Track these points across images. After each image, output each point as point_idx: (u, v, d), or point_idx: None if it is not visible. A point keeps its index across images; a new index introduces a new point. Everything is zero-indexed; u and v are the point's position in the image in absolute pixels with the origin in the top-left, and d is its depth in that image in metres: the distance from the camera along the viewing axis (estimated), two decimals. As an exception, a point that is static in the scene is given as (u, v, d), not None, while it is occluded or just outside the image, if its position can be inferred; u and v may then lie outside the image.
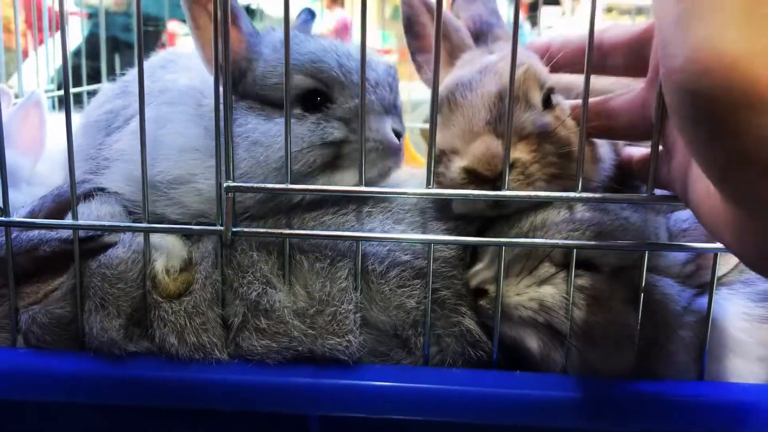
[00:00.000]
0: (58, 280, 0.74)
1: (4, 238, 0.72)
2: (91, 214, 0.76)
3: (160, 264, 0.72)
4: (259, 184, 0.71)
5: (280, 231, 0.72)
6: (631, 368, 0.71)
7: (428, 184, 0.70)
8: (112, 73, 1.47)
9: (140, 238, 0.73)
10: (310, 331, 0.71)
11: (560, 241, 0.70)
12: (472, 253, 0.78)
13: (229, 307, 0.72)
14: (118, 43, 2.13)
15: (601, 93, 0.72)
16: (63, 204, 0.77)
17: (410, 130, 1.28)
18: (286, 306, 0.71)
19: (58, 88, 1.61)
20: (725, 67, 0.40)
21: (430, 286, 0.72)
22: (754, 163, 0.41)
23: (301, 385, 0.69)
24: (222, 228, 0.70)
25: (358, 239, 0.72)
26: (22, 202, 0.81)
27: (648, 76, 0.64)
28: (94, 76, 1.61)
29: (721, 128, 0.41)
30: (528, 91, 0.75)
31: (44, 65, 1.52)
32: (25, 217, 0.75)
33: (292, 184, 0.70)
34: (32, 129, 1.02)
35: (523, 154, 0.71)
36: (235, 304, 0.72)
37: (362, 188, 0.71)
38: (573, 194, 0.68)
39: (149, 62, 0.98)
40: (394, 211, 0.78)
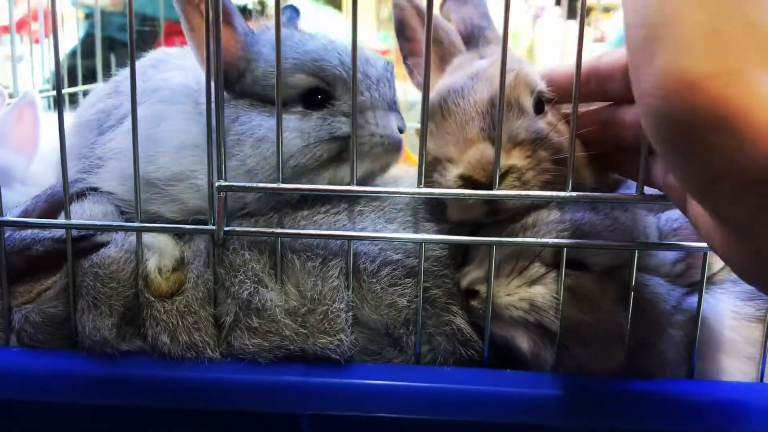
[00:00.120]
0: (51, 280, 0.74)
1: (-3, 238, 0.72)
2: (84, 214, 0.76)
3: (152, 263, 0.72)
4: (250, 183, 0.72)
5: (271, 230, 0.73)
6: (622, 367, 0.71)
7: (419, 183, 0.70)
8: (107, 73, 1.47)
9: (133, 238, 0.73)
10: (302, 330, 0.71)
11: (550, 240, 0.70)
12: (463, 255, 0.79)
13: (221, 306, 0.73)
14: (115, 43, 2.12)
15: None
16: (56, 203, 0.78)
17: (406, 130, 1.28)
18: (278, 305, 0.71)
19: (53, 88, 1.61)
20: (688, 89, 0.39)
21: (422, 284, 0.72)
22: (727, 183, 0.40)
23: (292, 383, 0.69)
24: (214, 227, 0.71)
25: (350, 238, 0.72)
26: (15, 201, 0.81)
27: None
28: (91, 76, 1.61)
29: (692, 150, 0.41)
30: (519, 96, 0.76)
31: (39, 65, 1.51)
32: (18, 217, 0.76)
33: (283, 183, 0.71)
34: (26, 129, 1.02)
35: (519, 160, 0.72)
36: (227, 303, 0.72)
37: (354, 187, 0.71)
38: (564, 194, 0.69)
39: (140, 62, 0.98)
40: (386, 210, 0.78)
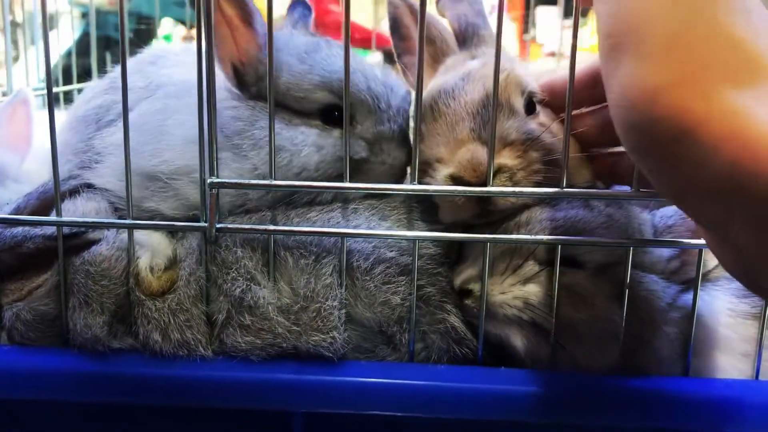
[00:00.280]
0: (42, 277, 0.74)
1: (-12, 235, 0.72)
2: (76, 211, 0.75)
3: (143, 261, 0.72)
4: (242, 180, 0.71)
5: (264, 227, 0.72)
6: (617, 364, 0.71)
7: (412, 180, 0.70)
8: (103, 71, 1.47)
9: (125, 235, 0.73)
10: (295, 328, 0.71)
11: (545, 237, 0.70)
12: (457, 253, 0.78)
13: (214, 304, 0.72)
14: (111, 42, 2.12)
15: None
16: (48, 201, 0.77)
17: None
18: (271, 302, 0.71)
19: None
20: (649, 100, 0.39)
21: (416, 282, 0.72)
22: (696, 191, 0.40)
23: (285, 381, 0.69)
24: (206, 224, 0.70)
25: (343, 235, 0.72)
26: (8, 199, 0.80)
27: None
28: (88, 75, 1.60)
29: (659, 160, 0.41)
30: (510, 97, 0.75)
31: (34, 64, 1.51)
32: (9, 214, 0.75)
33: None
34: (19, 126, 1.02)
35: (509, 160, 0.71)
36: (219, 301, 0.72)
37: (347, 184, 0.71)
38: (557, 189, 0.68)
39: (138, 58, 0.98)
40: (380, 208, 0.78)
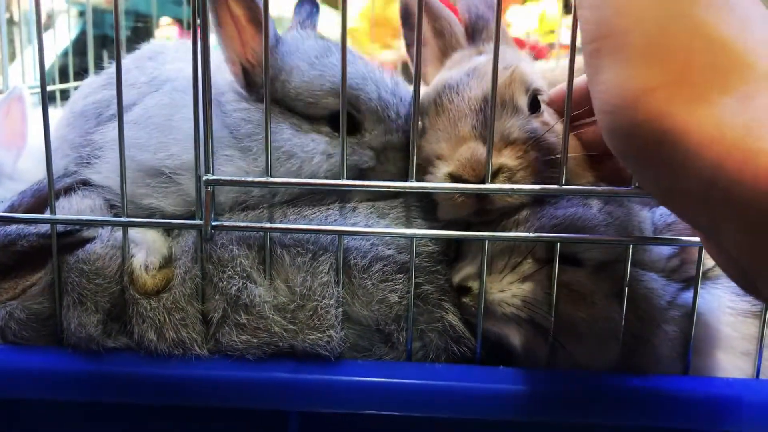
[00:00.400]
0: (36, 276, 0.73)
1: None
2: (71, 209, 0.75)
3: (138, 260, 0.71)
4: (238, 178, 0.71)
5: (260, 225, 0.72)
6: (616, 363, 0.70)
7: (410, 177, 0.69)
8: (100, 69, 1.46)
9: (119, 233, 0.72)
10: (291, 327, 0.70)
11: (544, 235, 0.69)
12: (456, 251, 0.77)
13: (209, 303, 0.71)
14: (108, 41, 2.11)
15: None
16: (43, 199, 0.76)
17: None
18: (267, 301, 0.70)
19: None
20: (630, 105, 0.39)
21: (413, 280, 0.71)
22: (680, 195, 0.40)
23: (281, 381, 0.68)
24: (201, 222, 0.69)
25: (340, 233, 0.71)
26: (2, 197, 0.80)
27: None
28: (85, 74, 1.60)
29: (643, 164, 0.41)
30: (514, 94, 0.75)
31: (31, 63, 1.50)
32: (3, 212, 0.74)
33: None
34: (14, 124, 1.01)
35: (510, 160, 0.71)
36: (215, 300, 0.71)
37: (344, 182, 0.70)
38: (557, 187, 0.68)
39: (136, 54, 0.97)
40: (378, 206, 0.77)
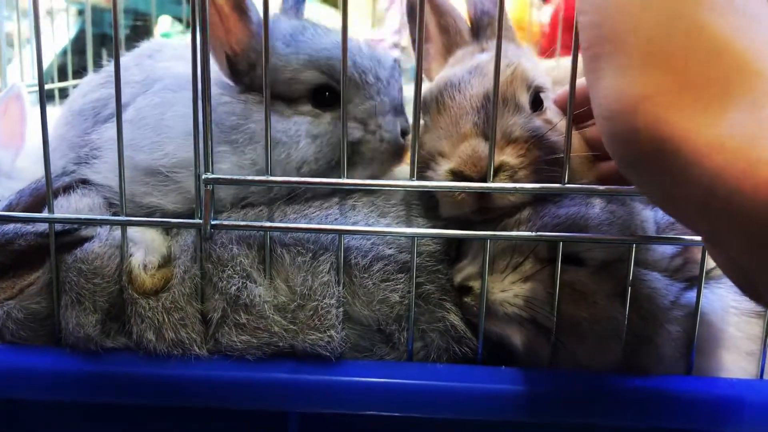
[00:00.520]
0: (34, 275, 0.72)
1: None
2: (70, 207, 0.74)
3: (136, 259, 0.71)
4: (238, 176, 0.70)
5: (260, 224, 0.71)
6: (619, 363, 0.70)
7: (411, 176, 0.68)
8: (99, 67, 1.45)
9: (118, 232, 0.72)
10: (291, 327, 0.69)
11: (546, 234, 0.69)
12: (457, 250, 0.77)
13: (209, 302, 0.71)
14: (107, 39, 2.10)
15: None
16: (41, 198, 0.76)
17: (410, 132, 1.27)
18: (267, 300, 0.70)
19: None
20: (629, 112, 0.38)
21: (414, 280, 0.71)
22: (679, 202, 0.40)
23: (281, 381, 0.68)
24: (201, 221, 0.69)
25: (341, 232, 0.70)
26: (0, 196, 0.79)
27: None
28: (83, 72, 1.59)
29: (643, 170, 0.40)
30: (516, 92, 0.74)
31: (29, 61, 1.49)
32: (1, 211, 0.74)
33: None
34: (12, 122, 1.00)
35: (511, 158, 0.70)
36: (214, 299, 0.70)
37: (345, 180, 0.70)
38: (559, 186, 0.67)
39: (135, 52, 0.97)
40: (378, 205, 0.76)
